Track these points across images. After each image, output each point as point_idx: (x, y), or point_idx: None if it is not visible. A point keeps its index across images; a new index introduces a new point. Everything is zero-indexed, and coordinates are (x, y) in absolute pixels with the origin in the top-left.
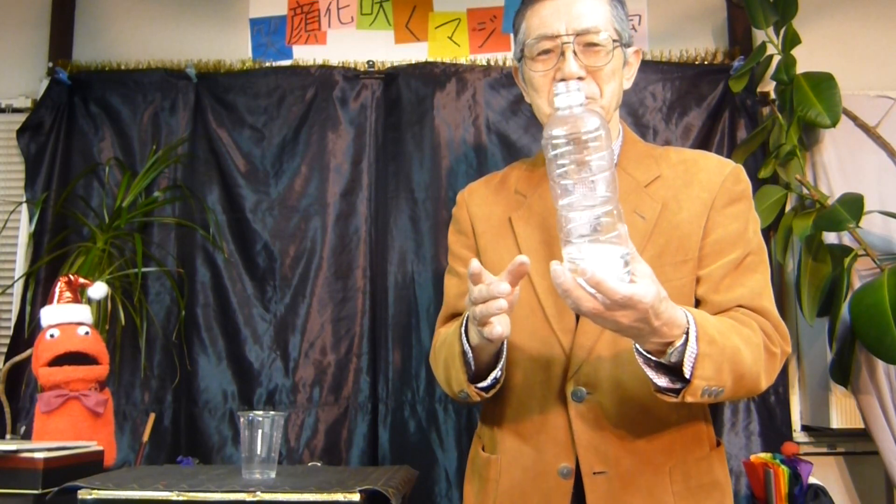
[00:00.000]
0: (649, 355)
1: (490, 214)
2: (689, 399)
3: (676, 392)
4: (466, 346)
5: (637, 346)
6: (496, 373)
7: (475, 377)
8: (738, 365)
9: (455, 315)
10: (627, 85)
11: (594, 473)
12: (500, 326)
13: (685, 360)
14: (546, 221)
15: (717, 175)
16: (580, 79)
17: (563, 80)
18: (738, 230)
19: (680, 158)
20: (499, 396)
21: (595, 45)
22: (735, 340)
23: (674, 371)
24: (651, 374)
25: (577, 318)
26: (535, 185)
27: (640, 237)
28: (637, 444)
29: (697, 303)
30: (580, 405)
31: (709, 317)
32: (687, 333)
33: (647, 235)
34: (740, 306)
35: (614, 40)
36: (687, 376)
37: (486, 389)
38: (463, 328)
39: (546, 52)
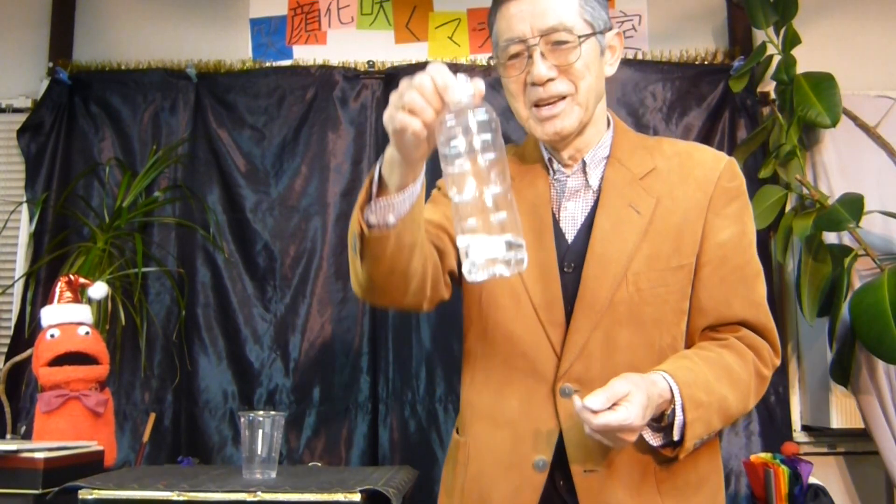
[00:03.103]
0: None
1: None
2: (682, 455)
3: (669, 444)
4: (378, 171)
5: None
6: (394, 198)
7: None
8: (726, 412)
9: None
10: (611, 71)
11: (585, 472)
12: (414, 121)
13: (674, 427)
14: (536, 209)
15: (712, 171)
16: (550, 80)
17: (534, 83)
18: (737, 234)
19: (674, 150)
20: (475, 377)
21: (562, 42)
22: (723, 390)
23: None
24: (648, 437)
25: (567, 312)
26: (525, 171)
27: (635, 233)
28: None
29: (693, 311)
30: (568, 401)
31: (696, 370)
32: (673, 402)
33: (642, 232)
34: (741, 323)
35: (582, 35)
36: (676, 438)
37: (374, 226)
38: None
39: (516, 56)
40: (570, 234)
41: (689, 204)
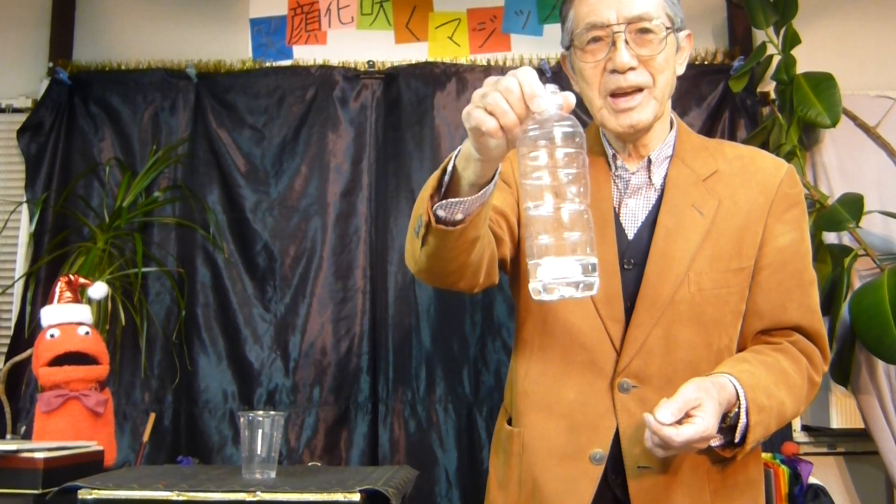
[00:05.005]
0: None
1: None
2: (740, 456)
3: (728, 444)
4: (453, 161)
5: None
6: (466, 198)
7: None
8: (783, 416)
9: None
10: (680, 71)
11: (639, 468)
12: (491, 121)
13: (738, 429)
14: (597, 204)
15: (773, 176)
16: (631, 69)
17: (615, 70)
18: (796, 240)
19: (735, 154)
20: (531, 368)
21: (647, 31)
22: (782, 395)
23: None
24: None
25: (627, 308)
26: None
27: (698, 234)
28: None
29: (749, 314)
30: (626, 396)
31: (757, 374)
32: (738, 405)
33: (704, 233)
34: (795, 328)
35: (667, 27)
36: (737, 440)
37: (441, 220)
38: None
39: (596, 40)
40: (630, 231)
41: (750, 207)
